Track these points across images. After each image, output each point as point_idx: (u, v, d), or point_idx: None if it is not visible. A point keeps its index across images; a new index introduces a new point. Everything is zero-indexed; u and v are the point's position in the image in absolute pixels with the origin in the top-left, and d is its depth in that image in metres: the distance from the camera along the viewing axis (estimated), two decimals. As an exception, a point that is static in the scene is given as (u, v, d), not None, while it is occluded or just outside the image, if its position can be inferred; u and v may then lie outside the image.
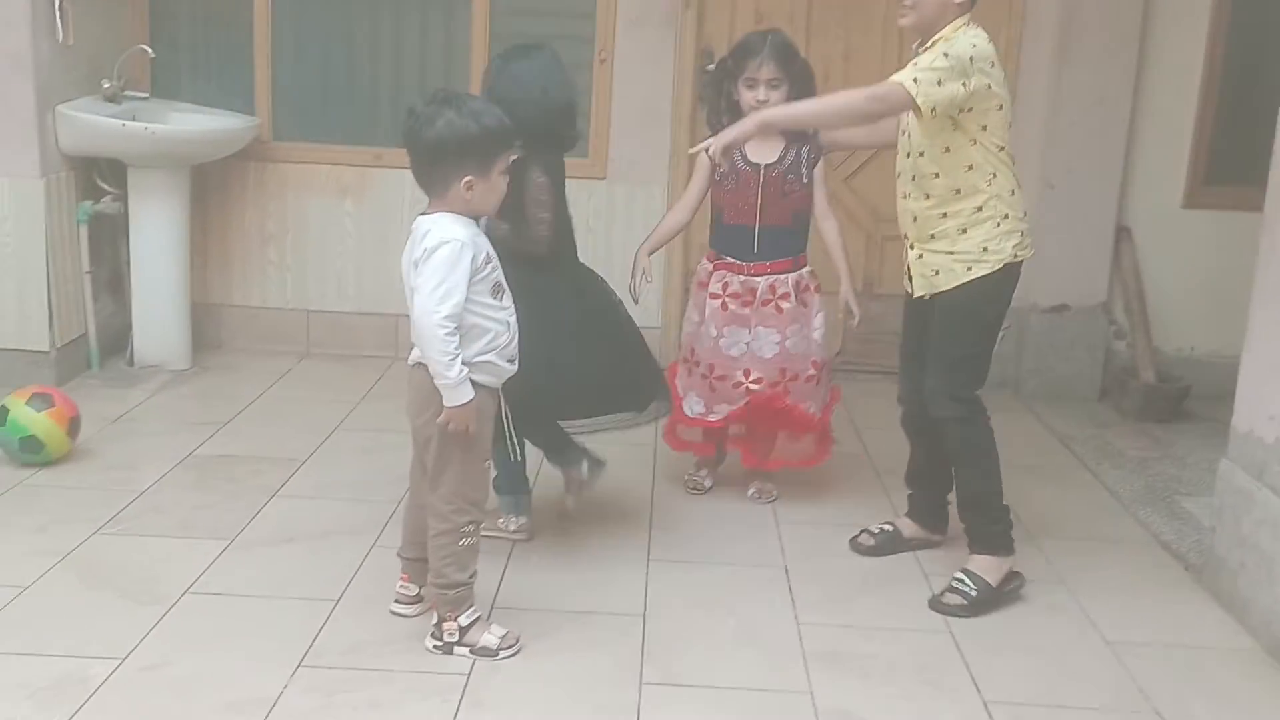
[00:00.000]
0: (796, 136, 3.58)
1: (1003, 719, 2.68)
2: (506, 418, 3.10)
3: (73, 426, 3.83)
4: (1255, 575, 3.13)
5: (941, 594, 3.20)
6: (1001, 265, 3.11)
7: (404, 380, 2.83)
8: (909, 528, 3.53)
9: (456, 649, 2.81)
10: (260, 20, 5.02)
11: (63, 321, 4.55)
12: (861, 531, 3.54)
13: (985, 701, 2.75)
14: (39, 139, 4.37)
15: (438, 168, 2.65)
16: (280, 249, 5.17)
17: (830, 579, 3.33)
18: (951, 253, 3.13)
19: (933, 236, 3.15)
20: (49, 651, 2.75)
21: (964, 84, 2.94)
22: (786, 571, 3.37)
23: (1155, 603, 3.31)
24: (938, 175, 3.10)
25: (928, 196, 3.13)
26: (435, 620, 2.84)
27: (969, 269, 3.11)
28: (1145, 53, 4.93)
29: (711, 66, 4.45)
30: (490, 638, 2.82)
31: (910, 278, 3.26)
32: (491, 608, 3.03)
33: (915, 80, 2.92)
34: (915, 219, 3.18)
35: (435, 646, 2.82)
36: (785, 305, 3.61)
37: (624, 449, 3.89)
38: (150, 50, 4.87)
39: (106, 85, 4.69)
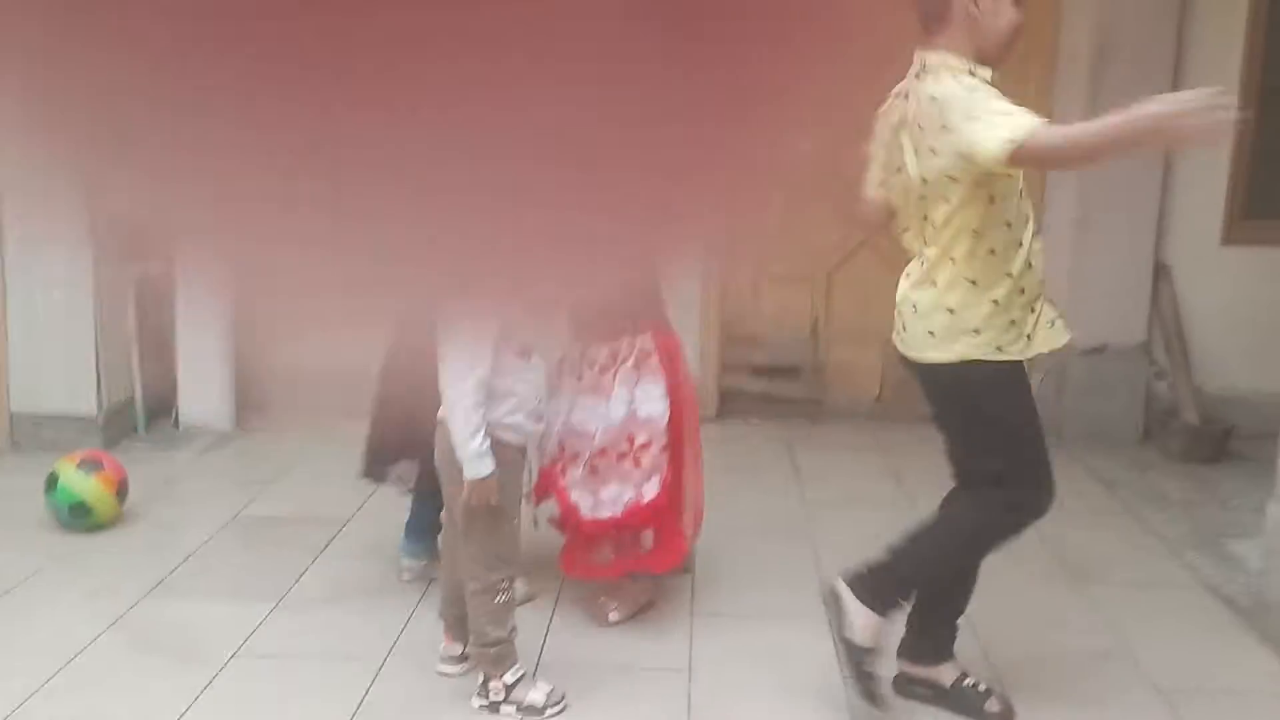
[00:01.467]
0: None
1: (1053, 771, 2.67)
2: None
3: (121, 490, 3.89)
4: (1307, 619, 3.09)
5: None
6: None
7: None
8: None
9: (503, 708, 2.82)
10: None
11: (110, 386, 4.64)
12: None
13: (1035, 753, 2.73)
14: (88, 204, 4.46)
15: None
16: (321, 308, 5.22)
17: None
18: None
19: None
20: (103, 717, 2.78)
21: None
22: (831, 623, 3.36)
23: (1206, 648, 3.27)
24: None
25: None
26: (481, 679, 2.85)
27: None
28: (1179, 85, 4.92)
29: None
30: (536, 695, 2.83)
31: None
32: (537, 664, 3.04)
33: None
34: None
35: (482, 706, 2.84)
36: (588, 373, 3.15)
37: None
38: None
39: (152, 152, 4.79)
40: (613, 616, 3.29)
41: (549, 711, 2.82)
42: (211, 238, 0.43)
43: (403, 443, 3.30)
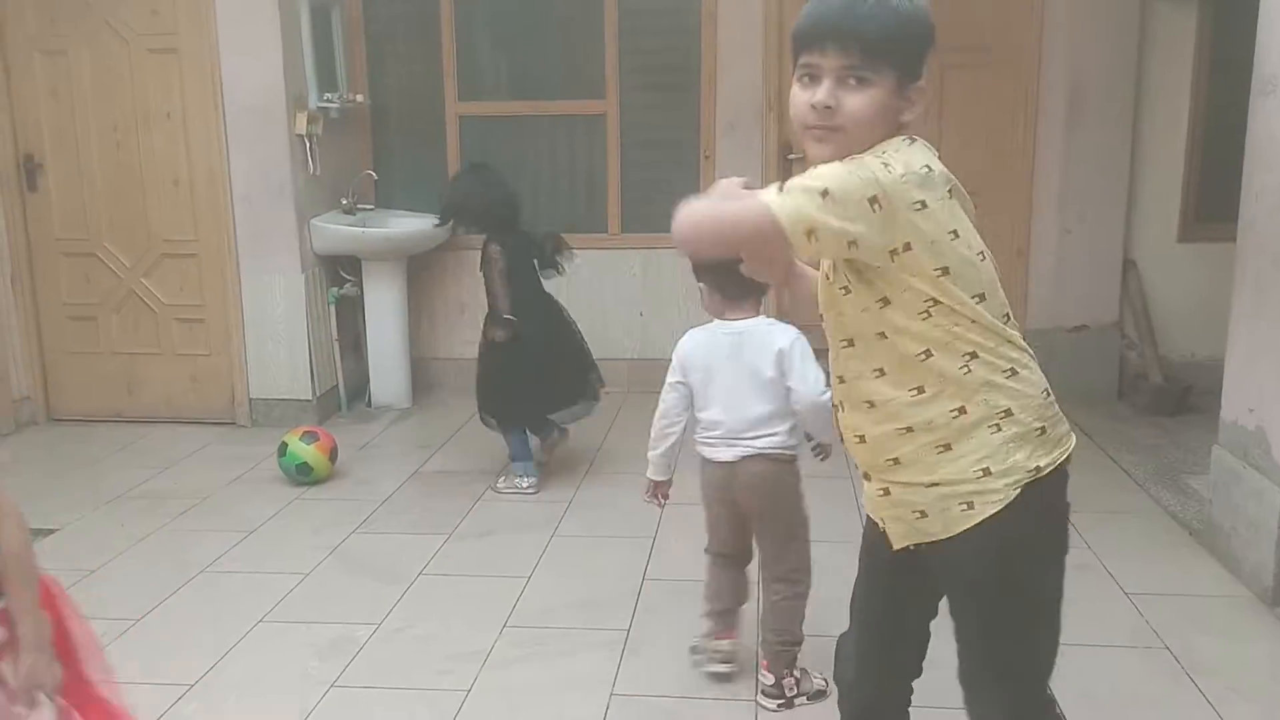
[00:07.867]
0: None
1: (1041, 655, 2.70)
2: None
3: (333, 455, 4.09)
4: (1245, 537, 3.08)
5: None
6: (1020, 488, 1.58)
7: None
8: None
9: (796, 701, 2.50)
10: (451, 146, 5.31)
11: (320, 377, 4.86)
12: None
13: (1027, 642, 2.76)
14: (299, 245, 4.70)
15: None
16: (473, 315, 5.37)
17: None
18: (935, 484, 1.59)
19: (896, 462, 1.61)
20: (326, 620, 2.97)
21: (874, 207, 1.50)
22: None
23: (1165, 561, 3.27)
24: (881, 372, 1.59)
25: (871, 406, 1.62)
26: (772, 681, 2.50)
27: (969, 506, 1.57)
28: (1139, 117, 4.86)
29: None
30: (818, 680, 2.53)
31: (881, 523, 1.69)
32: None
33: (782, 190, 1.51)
34: (862, 439, 1.65)
35: (779, 705, 2.48)
36: None
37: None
38: (374, 174, 5.19)
39: (344, 201, 5.01)
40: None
41: (828, 692, 2.48)
42: None
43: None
